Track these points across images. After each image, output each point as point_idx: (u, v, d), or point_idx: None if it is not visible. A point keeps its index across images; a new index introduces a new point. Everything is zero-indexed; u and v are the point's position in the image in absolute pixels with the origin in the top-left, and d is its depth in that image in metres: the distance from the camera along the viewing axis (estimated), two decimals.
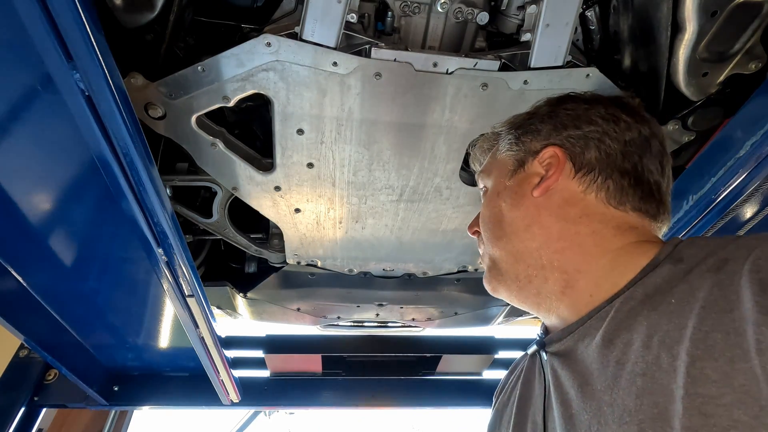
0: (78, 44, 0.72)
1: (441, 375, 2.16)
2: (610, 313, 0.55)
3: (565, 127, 0.67)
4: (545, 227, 0.64)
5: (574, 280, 0.61)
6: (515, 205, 0.68)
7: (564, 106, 0.69)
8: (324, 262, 1.71)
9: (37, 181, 1.04)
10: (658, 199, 0.63)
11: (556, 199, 0.64)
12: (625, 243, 0.60)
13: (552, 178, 0.64)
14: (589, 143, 0.64)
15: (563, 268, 0.62)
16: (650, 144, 0.64)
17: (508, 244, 0.69)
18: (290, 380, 2.14)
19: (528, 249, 0.66)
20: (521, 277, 0.67)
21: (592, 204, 0.63)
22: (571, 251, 0.62)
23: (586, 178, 0.63)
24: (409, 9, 1.07)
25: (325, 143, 1.21)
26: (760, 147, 1.00)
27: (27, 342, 1.50)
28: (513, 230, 0.68)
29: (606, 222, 0.61)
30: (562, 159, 0.65)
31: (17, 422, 1.80)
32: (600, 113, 0.66)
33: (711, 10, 0.96)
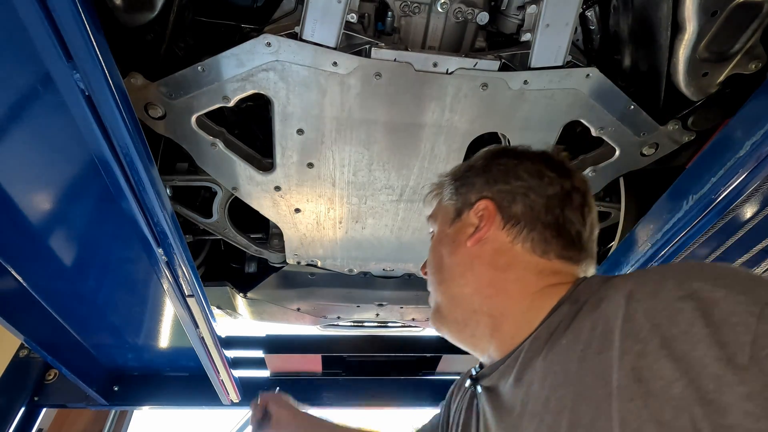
0: (78, 44, 0.72)
1: (441, 375, 2.16)
2: (521, 354, 0.61)
3: (496, 181, 0.72)
4: (477, 275, 0.70)
5: (500, 323, 0.67)
6: (453, 252, 0.74)
7: (497, 160, 0.75)
8: (324, 262, 1.71)
9: (37, 181, 1.04)
10: (580, 246, 0.69)
11: (488, 248, 0.70)
12: (542, 286, 0.65)
13: (483, 229, 0.70)
14: (516, 197, 0.70)
15: (491, 312, 0.68)
16: (571, 197, 0.70)
17: (447, 289, 0.74)
18: (290, 380, 2.14)
19: (463, 294, 0.71)
20: (459, 321, 0.73)
21: (519, 253, 0.68)
22: (498, 297, 0.68)
23: (514, 230, 0.69)
24: (409, 9, 1.07)
25: (325, 143, 1.21)
26: (760, 147, 1.00)
27: (27, 342, 1.50)
28: (451, 276, 0.74)
29: (530, 269, 0.67)
30: (492, 211, 0.70)
31: (17, 422, 1.80)
32: (527, 169, 0.71)
33: (711, 10, 0.96)
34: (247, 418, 3.54)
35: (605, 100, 1.16)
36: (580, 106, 1.16)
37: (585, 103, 1.15)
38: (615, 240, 1.60)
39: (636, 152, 1.28)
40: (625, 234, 1.52)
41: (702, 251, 1.21)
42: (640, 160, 1.31)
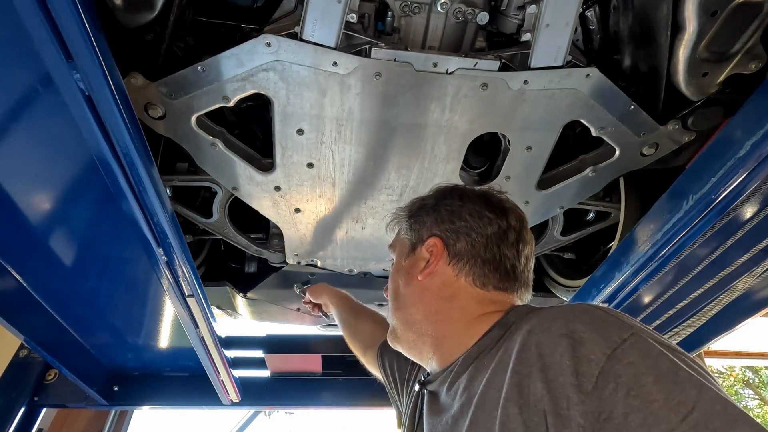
0: (78, 44, 0.72)
1: None
2: (455, 367, 0.74)
3: (443, 221, 0.82)
4: (426, 304, 0.80)
5: (442, 343, 0.79)
6: (407, 284, 0.84)
7: (445, 201, 0.84)
8: (324, 262, 1.71)
9: (37, 181, 1.04)
10: (514, 278, 0.79)
11: (437, 281, 0.80)
12: (480, 314, 0.76)
13: (432, 265, 0.80)
14: (459, 236, 0.80)
15: (435, 334, 0.80)
16: (507, 235, 0.79)
17: (402, 315, 0.85)
18: (290, 380, 2.14)
19: (414, 320, 0.82)
20: (409, 341, 0.85)
21: (462, 285, 0.78)
22: (443, 323, 0.79)
23: (458, 265, 0.79)
24: (409, 9, 1.07)
25: (325, 143, 1.21)
26: (760, 147, 1.00)
27: (27, 342, 1.50)
28: (405, 304, 0.84)
29: (471, 299, 0.77)
30: (440, 248, 0.80)
31: (17, 422, 1.80)
32: (469, 210, 0.81)
33: (711, 10, 0.96)
34: (247, 418, 3.54)
35: (605, 100, 1.16)
36: (580, 106, 1.16)
37: (585, 103, 1.15)
38: (615, 240, 1.60)
39: (636, 152, 1.28)
40: (625, 234, 1.52)
41: (702, 251, 1.21)
42: (640, 160, 1.31)
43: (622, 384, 0.50)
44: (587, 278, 1.56)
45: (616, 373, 0.51)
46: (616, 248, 1.56)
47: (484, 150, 1.40)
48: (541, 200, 1.44)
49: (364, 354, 1.30)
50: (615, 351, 0.53)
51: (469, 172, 1.42)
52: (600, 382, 0.51)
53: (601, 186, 1.42)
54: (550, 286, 1.98)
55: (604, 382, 0.51)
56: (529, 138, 1.24)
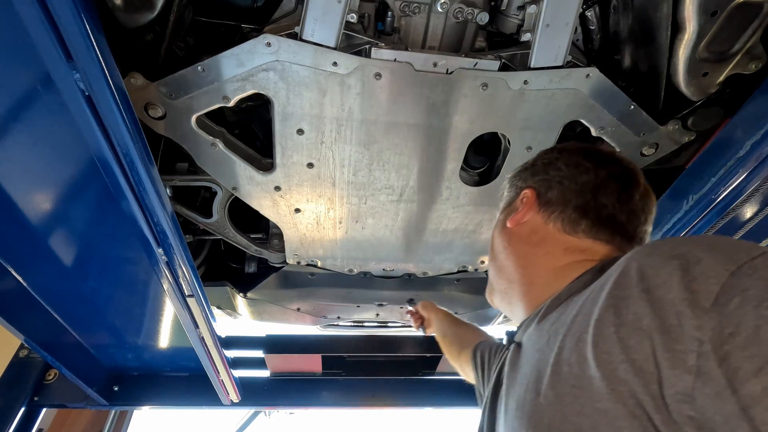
0: (78, 44, 0.72)
1: (441, 375, 2.16)
2: (542, 309, 0.73)
3: (537, 173, 0.85)
4: (515, 249, 0.83)
5: (530, 290, 0.80)
6: (500, 233, 0.88)
7: (543, 156, 0.87)
8: (324, 262, 1.71)
9: (37, 181, 1.04)
10: (612, 228, 0.77)
11: (526, 228, 0.82)
12: (569, 261, 0.76)
13: (521, 212, 0.83)
14: (551, 185, 0.81)
15: (523, 280, 0.81)
16: (606, 184, 0.78)
17: (494, 264, 0.89)
18: (290, 380, 2.14)
19: (504, 266, 0.85)
20: (501, 290, 0.87)
21: (550, 232, 0.79)
22: (530, 268, 0.80)
23: (547, 212, 0.80)
24: (409, 9, 1.07)
25: (325, 143, 1.21)
26: (760, 147, 1.00)
27: (27, 342, 1.50)
28: (496, 253, 0.88)
29: (558, 245, 0.78)
30: (531, 198, 0.83)
31: (17, 422, 1.80)
32: (565, 161, 0.82)
33: (711, 10, 0.96)
34: (247, 418, 3.54)
35: (605, 100, 1.16)
36: (580, 106, 1.16)
37: (585, 103, 1.15)
38: None
39: (636, 152, 1.28)
40: None
41: None
42: (640, 160, 1.31)
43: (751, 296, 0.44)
44: None
45: (742, 286, 0.45)
46: None
47: (484, 150, 1.40)
48: None
49: (459, 356, 1.30)
50: (741, 267, 0.46)
51: (469, 172, 1.42)
52: (722, 298, 0.45)
53: None
54: None
55: (728, 297, 0.44)
56: (529, 138, 1.24)
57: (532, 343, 0.70)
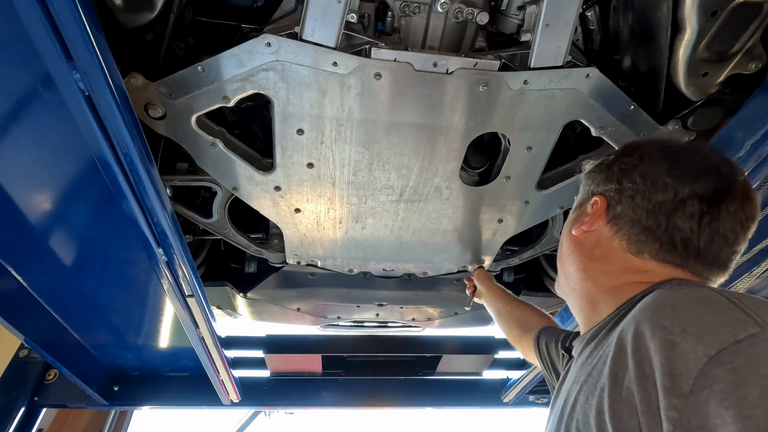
0: (78, 44, 0.72)
1: (441, 375, 2.17)
2: (587, 336, 0.74)
3: (611, 180, 0.77)
4: (577, 260, 0.80)
5: (585, 306, 0.79)
6: (566, 235, 0.85)
7: (622, 159, 0.78)
8: (324, 262, 1.71)
9: (37, 181, 1.04)
10: (686, 253, 0.70)
11: (591, 239, 0.79)
12: (625, 282, 0.73)
13: (588, 223, 0.78)
14: (623, 198, 0.75)
15: (582, 294, 0.80)
16: (685, 205, 0.69)
17: (561, 265, 0.87)
18: (290, 380, 2.14)
19: (569, 273, 0.83)
20: (566, 293, 0.86)
21: (614, 249, 0.75)
22: (589, 282, 0.78)
23: (615, 227, 0.75)
24: (409, 9, 1.07)
25: (325, 143, 1.21)
26: (760, 147, 1.00)
27: (27, 342, 1.50)
28: (561, 254, 0.86)
29: (619, 264, 0.74)
30: (600, 208, 0.77)
31: (17, 422, 1.80)
32: (643, 172, 0.73)
33: (711, 10, 0.95)
34: (247, 418, 3.54)
35: (605, 100, 1.16)
36: (580, 106, 1.16)
37: (585, 103, 1.15)
38: None
39: None
40: None
41: None
42: None
43: (717, 391, 0.45)
44: None
45: (714, 377, 0.46)
46: None
47: (484, 150, 1.40)
48: (541, 200, 1.44)
49: (519, 339, 1.30)
50: (722, 352, 0.47)
51: (469, 172, 1.42)
52: (696, 385, 0.47)
53: None
54: (550, 286, 1.98)
55: (701, 386, 0.46)
56: (529, 138, 1.24)
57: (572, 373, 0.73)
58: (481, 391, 2.27)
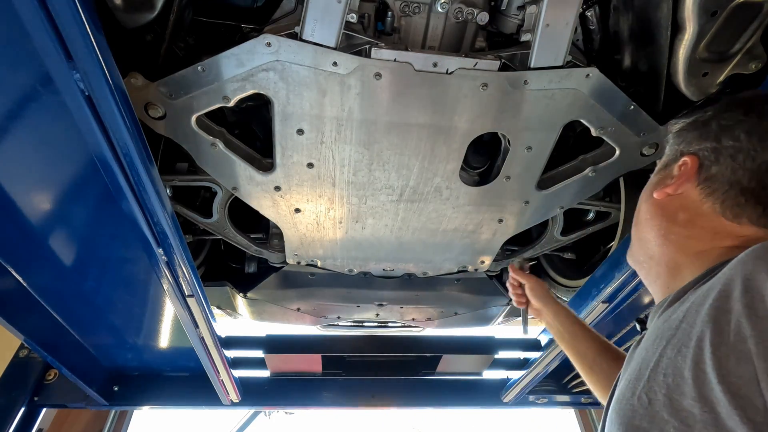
0: (78, 44, 0.72)
1: (441, 375, 2.16)
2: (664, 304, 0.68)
3: (708, 137, 0.70)
4: (657, 225, 0.75)
5: (665, 273, 0.74)
6: (646, 199, 0.79)
7: (723, 114, 0.71)
8: (324, 262, 1.71)
9: (37, 181, 1.04)
10: None
11: (675, 203, 0.73)
12: (714, 246, 0.67)
13: (673, 185, 0.72)
14: (720, 158, 0.68)
15: (660, 261, 0.75)
16: None
17: (636, 230, 0.81)
18: (290, 380, 2.14)
19: (646, 239, 0.78)
20: (639, 261, 0.81)
21: (704, 213, 0.69)
22: (668, 248, 0.73)
23: (707, 189, 0.69)
24: (409, 9, 1.07)
25: (325, 143, 1.21)
26: None
27: (27, 342, 1.50)
28: (639, 220, 0.80)
29: (709, 229, 0.68)
30: (692, 168, 0.71)
31: (17, 422, 1.80)
32: (749, 128, 0.66)
33: (711, 10, 0.95)
34: (247, 418, 3.54)
35: (605, 100, 1.16)
36: (580, 106, 1.16)
37: (585, 103, 1.15)
38: (615, 240, 1.60)
39: (636, 152, 1.28)
40: (625, 234, 1.52)
41: None
42: (640, 160, 1.31)
43: None
44: (587, 278, 1.56)
45: None
46: (616, 248, 1.56)
47: (484, 150, 1.40)
48: (541, 200, 1.44)
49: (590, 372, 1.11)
50: None
51: (469, 172, 1.42)
52: None
53: (601, 186, 1.42)
54: (550, 286, 1.98)
55: None
56: (529, 138, 1.24)
57: (648, 336, 0.67)
58: (481, 391, 2.27)
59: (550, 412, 6.75)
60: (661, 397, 0.55)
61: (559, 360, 1.85)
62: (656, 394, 0.56)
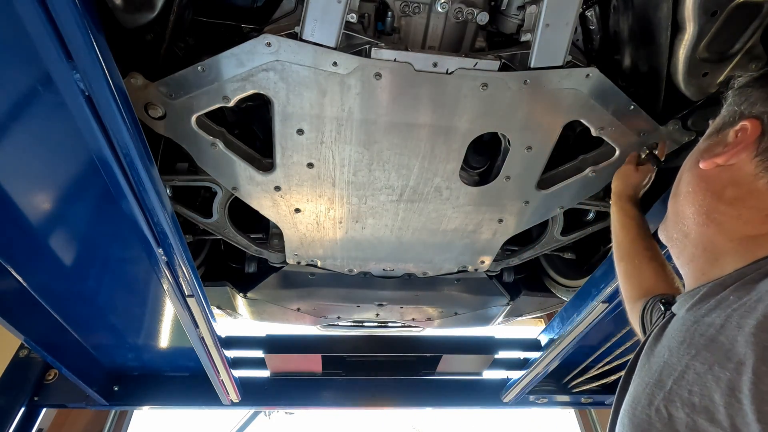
0: (78, 44, 0.72)
1: (441, 375, 2.16)
2: (698, 294, 0.59)
3: None
4: (699, 199, 0.65)
5: (701, 256, 0.64)
6: (690, 167, 0.69)
7: None
8: (324, 262, 1.71)
9: (37, 181, 1.04)
10: None
11: (724, 176, 0.62)
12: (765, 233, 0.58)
13: (726, 155, 0.61)
14: None
15: (696, 241, 0.65)
16: None
17: (673, 202, 0.72)
18: (290, 380, 2.14)
19: (682, 213, 0.68)
20: (672, 237, 0.72)
21: (757, 190, 0.58)
22: (709, 228, 0.63)
23: (766, 162, 0.58)
24: (409, 9, 1.07)
25: (325, 143, 1.21)
26: None
27: (27, 342, 1.50)
28: (678, 191, 0.71)
29: (761, 210, 0.58)
30: (752, 134, 0.59)
31: (17, 422, 1.80)
32: None
33: (711, 10, 0.95)
34: (247, 418, 3.54)
35: (605, 100, 1.16)
36: (580, 106, 1.16)
37: (585, 103, 1.15)
38: None
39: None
40: None
41: None
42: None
43: None
44: (587, 278, 1.56)
45: None
46: None
47: (484, 150, 1.40)
48: (541, 200, 1.44)
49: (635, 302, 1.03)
50: None
51: (469, 172, 1.42)
52: None
53: (601, 186, 1.42)
54: (550, 286, 1.98)
55: None
56: (529, 138, 1.24)
57: (673, 331, 0.59)
58: (481, 391, 2.27)
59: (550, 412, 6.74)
60: (682, 416, 0.49)
61: (559, 360, 1.85)
62: (678, 410, 0.50)
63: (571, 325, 1.65)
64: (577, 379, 2.21)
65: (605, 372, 2.08)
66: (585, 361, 2.10)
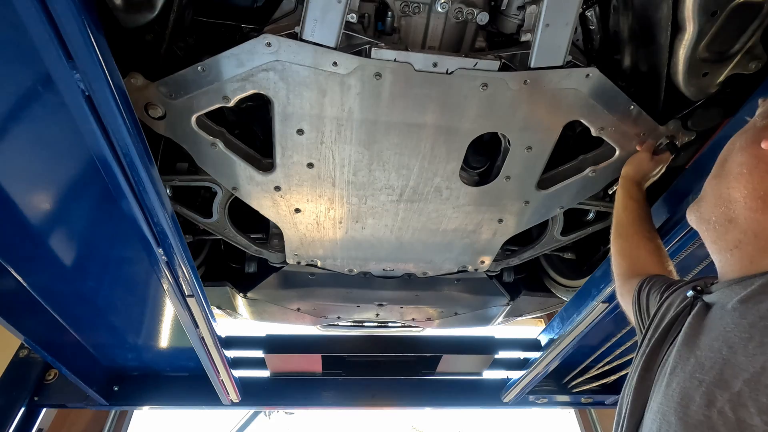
0: (78, 44, 0.72)
1: (441, 375, 2.16)
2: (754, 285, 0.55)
3: None
4: (755, 183, 0.60)
5: (750, 242, 0.59)
6: (744, 147, 0.63)
7: None
8: (324, 262, 1.71)
9: (37, 181, 1.04)
10: None
11: None
12: None
13: None
14: None
15: (745, 227, 0.60)
16: None
17: (718, 184, 0.67)
18: (290, 380, 2.14)
19: (730, 198, 0.63)
20: (711, 221, 0.66)
21: None
22: (762, 214, 0.59)
23: None
24: (409, 9, 1.07)
25: (325, 143, 1.21)
26: None
27: (27, 342, 1.50)
28: (727, 172, 0.65)
29: None
30: None
31: (17, 422, 1.80)
32: None
33: (711, 10, 0.95)
34: (247, 418, 3.54)
35: (605, 100, 1.16)
36: (580, 106, 1.16)
37: (585, 103, 1.15)
38: None
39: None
40: None
41: (701, 251, 1.21)
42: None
43: None
44: (587, 278, 1.56)
45: None
46: None
47: (484, 150, 1.40)
48: (541, 200, 1.44)
49: (628, 279, 1.03)
50: None
51: (469, 172, 1.42)
52: None
53: (601, 186, 1.42)
54: (550, 286, 1.98)
55: None
56: (529, 138, 1.24)
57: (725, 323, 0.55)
58: (481, 391, 2.28)
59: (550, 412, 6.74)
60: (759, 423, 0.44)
61: (559, 360, 1.85)
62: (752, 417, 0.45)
63: (571, 325, 1.65)
64: (577, 379, 2.21)
65: (605, 372, 2.09)
66: (585, 361, 2.10)
